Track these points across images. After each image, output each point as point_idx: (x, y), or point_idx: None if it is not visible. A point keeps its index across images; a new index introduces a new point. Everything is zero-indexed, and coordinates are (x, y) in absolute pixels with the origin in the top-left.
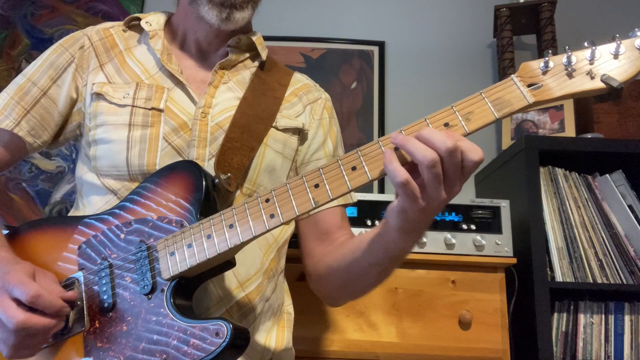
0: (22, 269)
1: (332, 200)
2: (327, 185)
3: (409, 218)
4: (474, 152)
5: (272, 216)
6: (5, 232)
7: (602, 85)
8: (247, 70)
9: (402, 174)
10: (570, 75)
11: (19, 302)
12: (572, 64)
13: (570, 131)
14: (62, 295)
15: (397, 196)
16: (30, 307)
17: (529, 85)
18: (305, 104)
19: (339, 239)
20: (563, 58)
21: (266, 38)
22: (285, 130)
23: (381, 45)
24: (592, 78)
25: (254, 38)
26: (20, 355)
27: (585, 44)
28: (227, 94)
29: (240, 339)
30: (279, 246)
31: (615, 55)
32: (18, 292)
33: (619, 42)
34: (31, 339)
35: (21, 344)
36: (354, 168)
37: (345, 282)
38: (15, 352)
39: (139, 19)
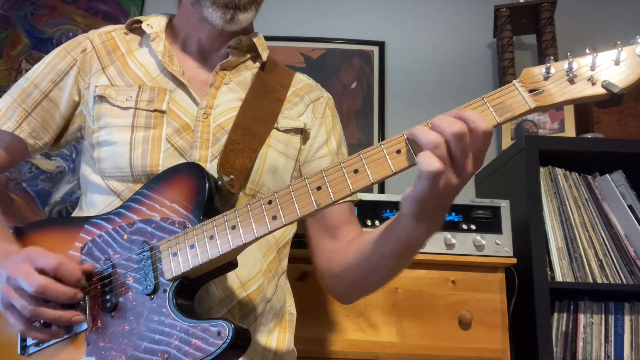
0: (39, 247)
1: (334, 203)
2: (329, 188)
3: (424, 203)
4: (482, 121)
5: (274, 218)
6: (11, 231)
7: (603, 91)
8: (248, 71)
9: (437, 166)
10: (571, 81)
11: (40, 272)
12: (574, 70)
13: (570, 131)
14: (81, 267)
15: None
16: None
17: (531, 91)
18: (307, 102)
19: (348, 235)
20: (564, 64)
21: (266, 38)
22: (286, 131)
23: (381, 45)
24: (593, 84)
25: (255, 39)
26: (31, 333)
27: (587, 50)
28: (228, 95)
29: (242, 339)
30: (279, 247)
31: (616, 62)
32: (42, 261)
33: (620, 48)
34: (49, 311)
35: (37, 315)
36: (356, 171)
37: (358, 277)
38: (27, 327)
39: (140, 22)
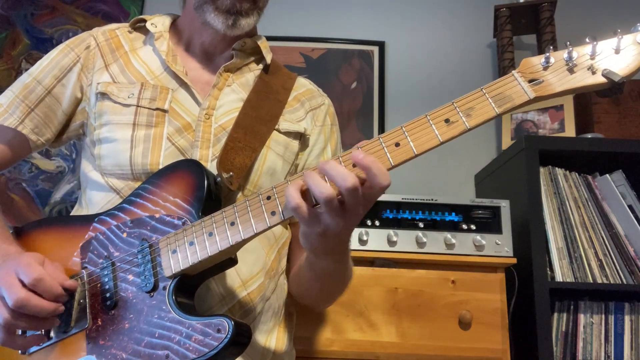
0: (33, 256)
1: None
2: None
3: (312, 242)
4: (382, 177)
5: (273, 213)
6: (11, 231)
7: (603, 80)
8: (251, 73)
9: (294, 199)
10: (571, 71)
11: (24, 284)
12: (573, 59)
13: (570, 131)
14: (63, 283)
15: None
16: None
17: (530, 81)
18: (308, 109)
19: None
20: (564, 53)
21: (266, 38)
22: (287, 133)
23: (381, 45)
24: (594, 73)
25: (259, 42)
26: (11, 342)
27: (587, 39)
28: (231, 96)
29: (242, 335)
30: (279, 246)
31: (617, 50)
32: (22, 274)
33: (620, 37)
34: (27, 321)
35: (15, 326)
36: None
37: (299, 293)
38: (7, 337)
39: (145, 21)
